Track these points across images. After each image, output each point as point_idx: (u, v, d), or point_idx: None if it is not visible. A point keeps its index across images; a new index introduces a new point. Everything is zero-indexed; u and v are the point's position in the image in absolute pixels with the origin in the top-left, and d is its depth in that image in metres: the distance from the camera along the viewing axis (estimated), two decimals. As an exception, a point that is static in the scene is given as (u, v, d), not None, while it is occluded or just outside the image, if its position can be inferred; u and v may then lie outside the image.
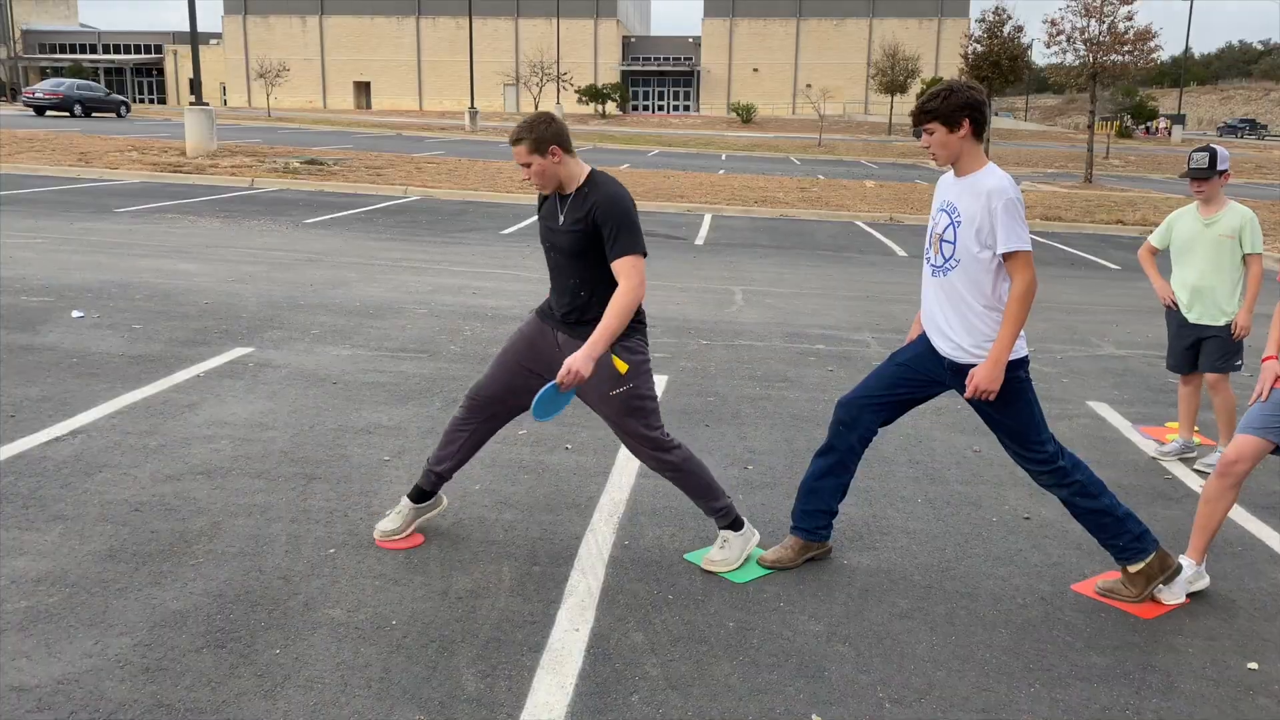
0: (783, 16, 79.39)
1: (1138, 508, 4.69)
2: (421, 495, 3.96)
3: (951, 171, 3.61)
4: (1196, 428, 5.73)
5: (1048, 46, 28.57)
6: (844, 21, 78.94)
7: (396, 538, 3.91)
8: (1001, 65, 35.05)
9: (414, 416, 5.48)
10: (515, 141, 3.52)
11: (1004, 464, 5.19)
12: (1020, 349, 3.57)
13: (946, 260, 3.58)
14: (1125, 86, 48.84)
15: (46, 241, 10.79)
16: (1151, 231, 6.90)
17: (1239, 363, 5.28)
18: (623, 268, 3.51)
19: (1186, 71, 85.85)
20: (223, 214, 14.05)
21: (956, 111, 3.43)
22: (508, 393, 3.82)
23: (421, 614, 3.38)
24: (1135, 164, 40.56)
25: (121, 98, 46.59)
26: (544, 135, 3.50)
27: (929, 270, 3.68)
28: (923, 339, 3.79)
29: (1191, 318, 5.30)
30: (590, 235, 3.54)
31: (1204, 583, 3.81)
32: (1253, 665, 3.32)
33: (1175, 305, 5.39)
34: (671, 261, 11.77)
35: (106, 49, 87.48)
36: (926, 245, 3.70)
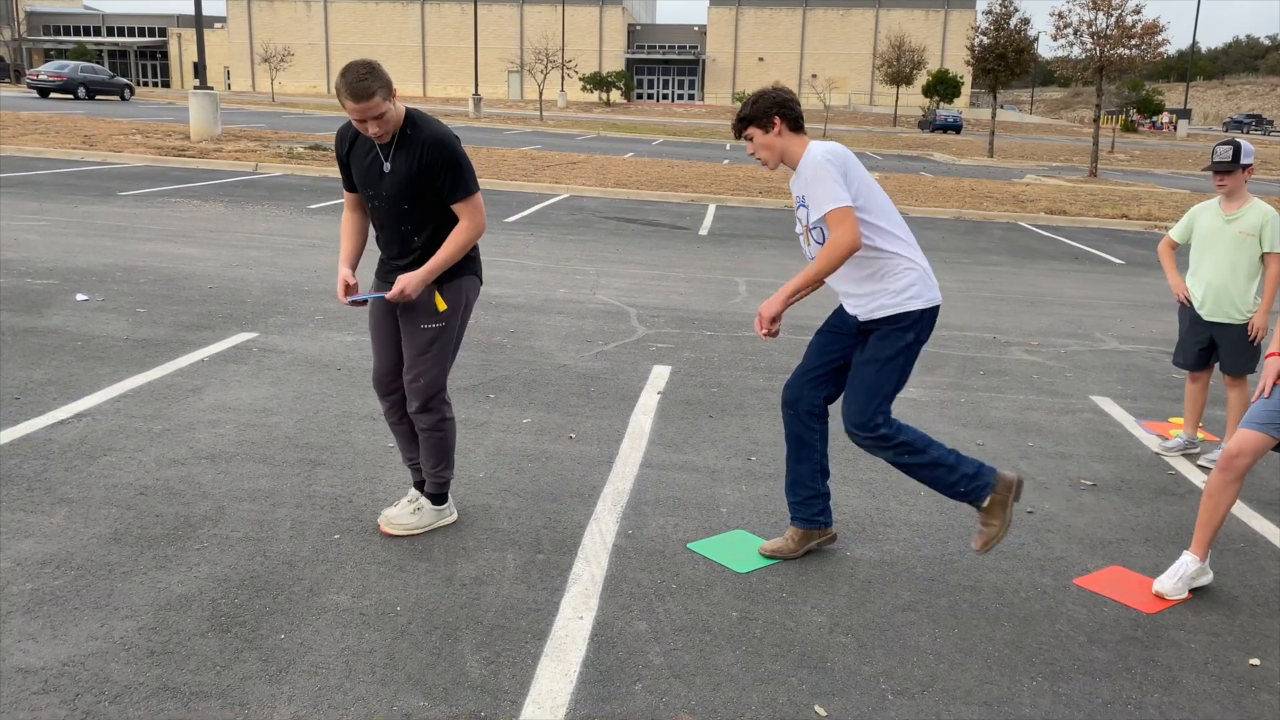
0: (788, 6, 79.17)
1: (1141, 503, 4.70)
2: (437, 498, 3.97)
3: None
4: (1201, 424, 5.72)
5: (1054, 39, 28.51)
6: (850, 11, 78.71)
7: (416, 530, 3.89)
8: (1007, 58, 34.97)
9: (418, 403, 5.48)
10: (368, 95, 3.29)
11: (1006, 457, 5.20)
12: (919, 296, 3.55)
13: (822, 241, 3.59)
14: (1131, 80, 48.69)
15: (50, 224, 10.78)
16: (1157, 226, 6.89)
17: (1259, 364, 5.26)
18: (463, 209, 3.54)
19: (1193, 66, 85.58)
20: (226, 199, 14.04)
21: (766, 112, 3.54)
22: (398, 364, 3.84)
23: (426, 600, 3.39)
24: (1140, 159, 40.46)
25: (125, 80, 46.50)
26: (387, 80, 3.39)
27: (809, 254, 3.69)
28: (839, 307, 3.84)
29: (1204, 314, 5.25)
30: (420, 178, 3.51)
31: (1207, 578, 3.82)
32: (1254, 661, 3.33)
33: (1189, 302, 5.35)
34: (675, 252, 11.76)
35: (110, 31, 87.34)
36: (801, 240, 3.72)
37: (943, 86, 61.80)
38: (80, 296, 7.45)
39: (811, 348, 3.83)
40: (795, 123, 3.56)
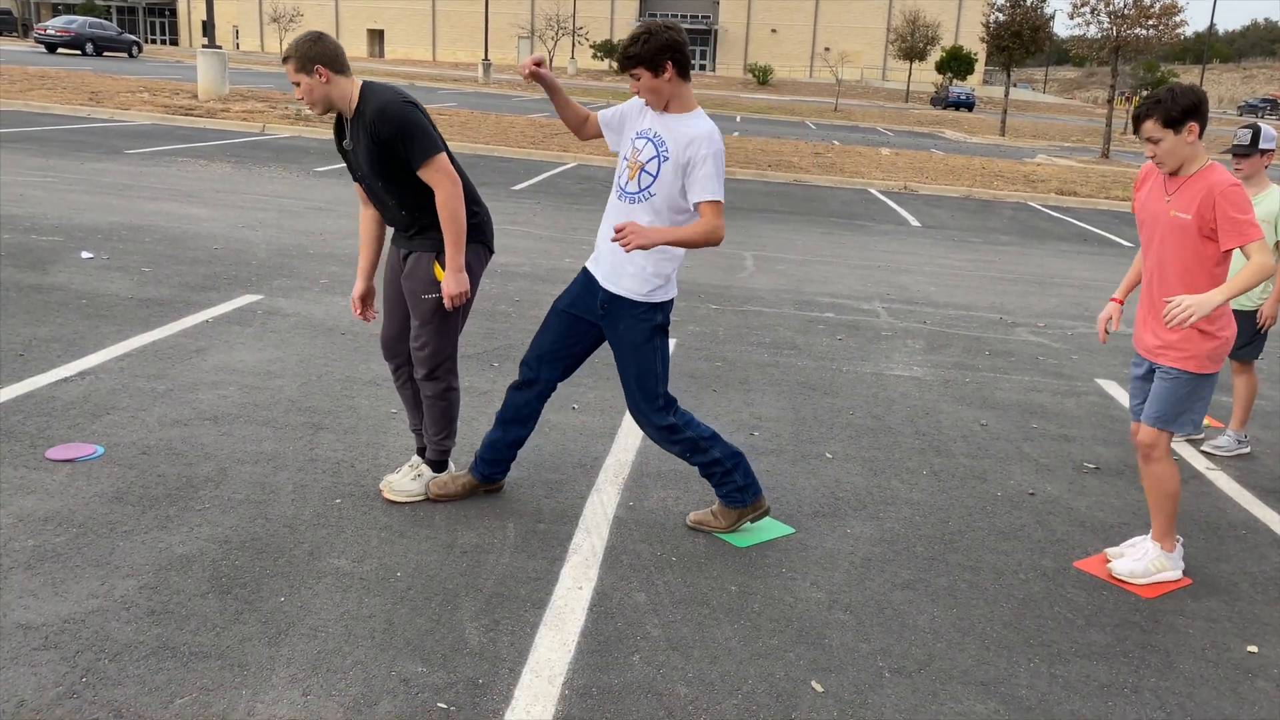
0: (803, -22, 78.28)
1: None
2: (437, 465, 3.97)
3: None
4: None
5: (1071, 18, 28.22)
6: (865, -15, 77.85)
7: (417, 497, 3.89)
8: (1023, 35, 34.63)
9: (422, 370, 5.47)
10: (284, 59, 3.45)
11: (1010, 439, 5.19)
12: (668, 291, 3.60)
13: (642, 189, 3.51)
14: (1147, 62, 48.21)
15: (57, 181, 10.75)
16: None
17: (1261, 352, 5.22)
18: (429, 175, 3.47)
19: (1210, 48, 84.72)
20: (233, 159, 13.97)
21: (658, 55, 3.38)
22: (406, 329, 3.84)
23: (426, 567, 3.39)
24: (1153, 141, 40.13)
25: (133, 37, 46.20)
26: (309, 53, 3.39)
27: (617, 194, 3.60)
28: (580, 274, 3.74)
29: None
30: (381, 154, 3.47)
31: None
32: (1252, 648, 3.33)
33: None
34: (683, 223, 11.69)
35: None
36: (620, 170, 3.61)
37: (956, 63, 61.25)
38: (85, 254, 7.43)
39: (549, 327, 3.76)
40: (684, 68, 3.44)
